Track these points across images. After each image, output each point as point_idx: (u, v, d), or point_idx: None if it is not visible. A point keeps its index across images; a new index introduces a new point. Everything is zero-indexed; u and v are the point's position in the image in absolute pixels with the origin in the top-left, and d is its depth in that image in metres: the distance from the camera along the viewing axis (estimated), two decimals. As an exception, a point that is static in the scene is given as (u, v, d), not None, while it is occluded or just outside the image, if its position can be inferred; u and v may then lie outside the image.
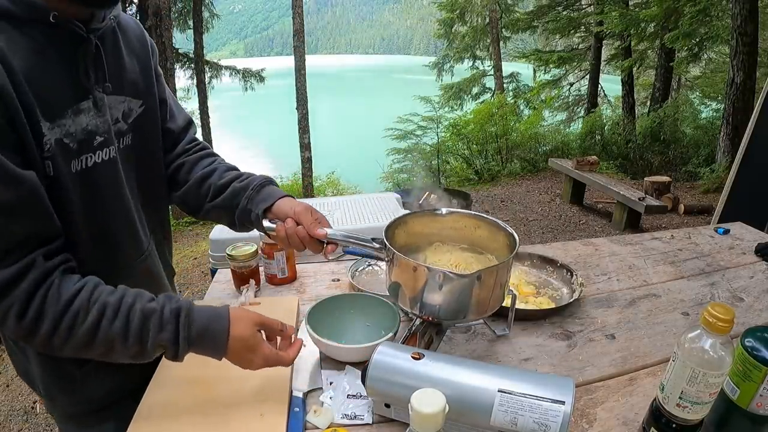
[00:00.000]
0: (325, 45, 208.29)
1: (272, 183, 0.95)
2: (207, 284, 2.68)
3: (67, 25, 0.68)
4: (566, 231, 4.81)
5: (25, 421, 2.27)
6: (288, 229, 0.85)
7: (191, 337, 0.70)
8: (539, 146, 8.39)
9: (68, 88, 0.70)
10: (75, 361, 0.81)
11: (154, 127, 0.91)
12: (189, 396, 0.79)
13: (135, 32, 0.87)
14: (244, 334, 0.72)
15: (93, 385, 0.85)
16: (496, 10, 11.01)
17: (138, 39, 0.87)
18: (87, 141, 0.73)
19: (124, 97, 0.81)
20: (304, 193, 7.19)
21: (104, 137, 0.76)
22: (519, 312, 0.99)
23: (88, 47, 0.72)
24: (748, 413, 0.64)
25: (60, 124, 0.69)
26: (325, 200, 2.06)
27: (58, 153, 0.69)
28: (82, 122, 0.73)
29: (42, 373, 0.83)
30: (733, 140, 5.85)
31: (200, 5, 9.09)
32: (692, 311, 1.08)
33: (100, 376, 0.85)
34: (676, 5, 6.86)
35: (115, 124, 0.80)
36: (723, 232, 1.52)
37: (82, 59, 0.71)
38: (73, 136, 0.71)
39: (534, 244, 1.51)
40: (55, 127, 0.68)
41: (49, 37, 0.67)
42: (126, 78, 0.82)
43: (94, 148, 0.75)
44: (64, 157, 0.70)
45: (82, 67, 0.71)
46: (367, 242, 0.86)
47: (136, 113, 0.85)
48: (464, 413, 0.67)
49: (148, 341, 0.68)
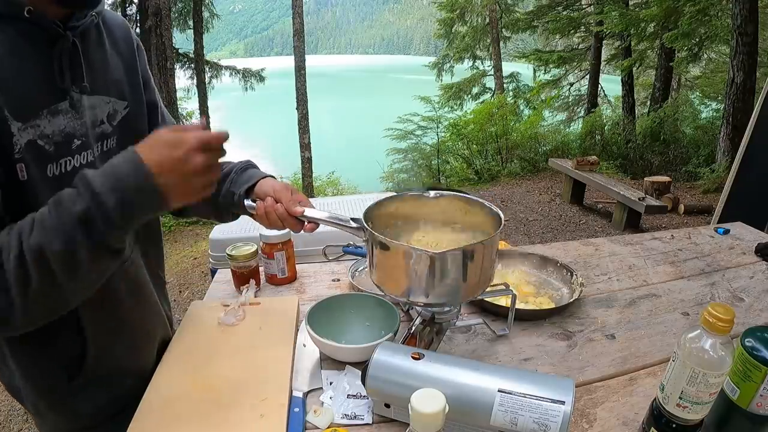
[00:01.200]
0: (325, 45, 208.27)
1: (253, 166, 0.94)
2: (207, 284, 2.68)
3: (42, 21, 0.65)
4: (566, 231, 4.82)
5: (25, 421, 2.27)
6: (267, 206, 0.84)
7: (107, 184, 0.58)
8: (539, 146, 8.40)
9: (43, 87, 0.67)
10: (62, 373, 0.78)
11: (142, 131, 0.85)
12: (189, 396, 0.79)
13: (121, 31, 0.84)
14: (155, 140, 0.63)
15: (83, 401, 0.82)
16: (496, 10, 11.02)
17: (124, 39, 0.84)
18: (65, 143, 0.69)
19: (108, 98, 0.78)
20: (304, 193, 7.18)
21: (82, 140, 0.72)
22: (519, 312, 0.99)
23: (64, 44, 0.68)
24: (748, 413, 0.64)
25: (33, 125, 0.65)
26: (325, 200, 2.06)
27: (32, 156, 0.65)
28: (60, 124, 0.69)
29: (27, 386, 0.79)
30: (733, 140, 5.85)
31: (200, 5, 9.09)
32: (692, 311, 1.08)
33: (90, 391, 0.82)
34: (676, 5, 6.86)
35: (99, 126, 0.76)
36: (723, 232, 1.52)
37: (57, 57, 0.68)
38: (48, 138, 0.67)
39: (534, 244, 1.51)
40: (27, 128, 0.64)
41: (24, 34, 0.64)
42: (110, 78, 0.78)
43: (73, 151, 0.71)
44: (39, 160, 0.66)
45: (57, 66, 0.68)
46: (345, 221, 0.84)
47: (121, 115, 0.81)
48: (464, 413, 0.67)
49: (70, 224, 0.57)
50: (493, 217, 0.86)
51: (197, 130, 0.65)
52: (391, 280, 0.81)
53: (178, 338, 0.95)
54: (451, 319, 0.87)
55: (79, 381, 0.80)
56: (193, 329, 0.98)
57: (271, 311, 1.04)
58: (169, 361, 0.88)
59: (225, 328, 0.98)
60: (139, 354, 0.90)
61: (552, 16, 10.05)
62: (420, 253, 0.73)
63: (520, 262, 1.25)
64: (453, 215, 0.92)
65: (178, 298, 3.58)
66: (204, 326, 0.98)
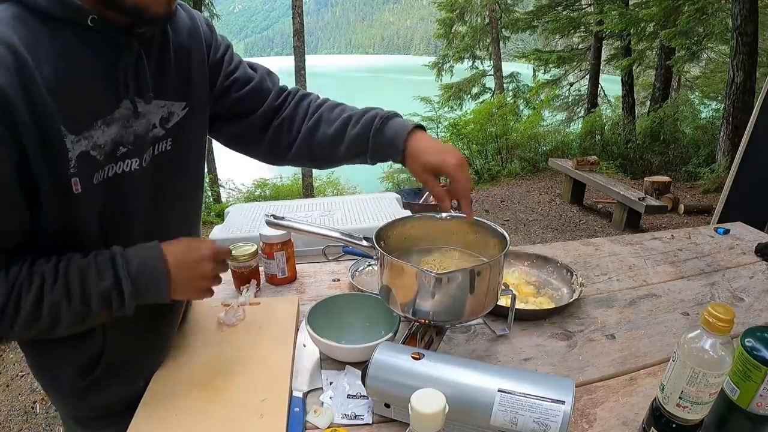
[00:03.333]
0: (325, 45, 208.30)
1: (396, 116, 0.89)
2: (207, 284, 2.68)
3: (106, 29, 0.62)
4: (566, 231, 4.82)
5: (25, 421, 2.27)
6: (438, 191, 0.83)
7: (131, 273, 0.66)
8: (539, 146, 8.40)
9: (102, 97, 0.65)
10: (77, 373, 0.79)
11: (198, 130, 0.84)
12: (189, 396, 0.79)
13: (185, 23, 0.80)
14: (178, 244, 0.72)
15: (95, 396, 0.83)
16: (496, 10, 11.02)
17: (189, 32, 0.80)
18: (112, 152, 0.68)
19: (164, 102, 0.76)
20: (305, 193, 7.19)
21: (128, 148, 0.70)
22: (519, 312, 0.99)
23: (129, 55, 0.66)
24: (748, 413, 0.64)
25: (87, 136, 0.64)
26: (325, 200, 2.06)
27: (83, 166, 0.64)
28: (112, 132, 0.67)
29: (40, 380, 0.82)
30: (733, 140, 5.85)
31: (200, 5, 9.09)
32: (692, 311, 1.08)
33: (103, 387, 0.82)
34: (675, 4, 6.87)
35: (152, 131, 0.75)
36: (723, 232, 1.52)
37: (122, 69, 0.66)
38: (101, 147, 0.66)
39: (534, 244, 1.51)
40: (81, 140, 0.63)
41: (85, 41, 0.62)
42: (171, 81, 0.76)
43: (117, 158, 0.69)
44: (89, 170, 0.65)
45: (121, 77, 0.66)
46: (358, 240, 0.84)
47: (177, 116, 0.79)
48: (464, 413, 0.67)
49: (90, 295, 0.64)
50: (499, 239, 0.87)
51: (212, 242, 0.77)
52: (399, 297, 0.82)
53: (178, 338, 0.95)
54: (451, 319, 0.87)
55: (91, 378, 0.80)
56: (193, 329, 0.98)
57: (271, 311, 1.04)
58: (169, 361, 0.88)
59: (225, 328, 0.98)
60: (151, 350, 0.89)
61: (552, 16, 10.05)
62: (426, 274, 0.75)
63: (520, 262, 1.25)
64: (463, 237, 0.94)
65: (178, 298, 3.58)
66: (204, 326, 0.98)
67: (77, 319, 0.65)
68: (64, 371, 0.80)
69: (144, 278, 0.67)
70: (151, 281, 0.68)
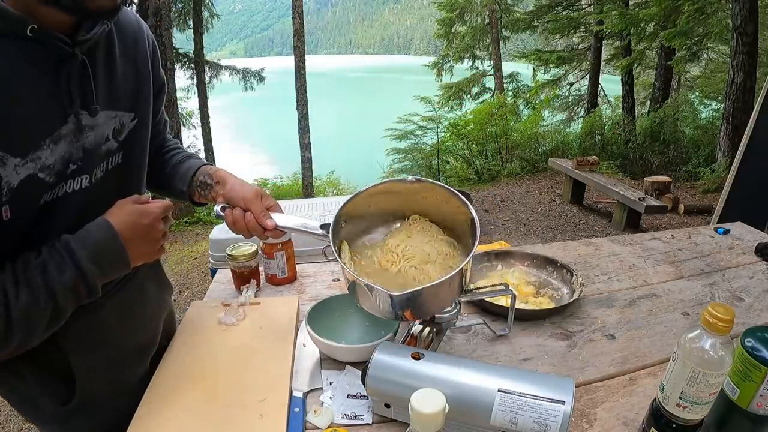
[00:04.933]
0: (325, 45, 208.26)
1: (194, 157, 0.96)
2: (207, 284, 2.68)
3: (47, 39, 0.58)
4: (566, 231, 4.82)
5: (25, 421, 2.27)
6: (236, 216, 0.84)
7: (90, 257, 0.64)
8: (539, 146, 8.40)
9: (46, 112, 0.61)
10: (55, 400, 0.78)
11: (144, 141, 0.82)
12: (189, 396, 0.79)
13: (132, 30, 0.77)
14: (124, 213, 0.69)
15: (78, 422, 0.81)
16: (496, 10, 11.01)
17: (134, 39, 0.77)
18: (62, 171, 0.65)
19: (115, 113, 0.72)
20: (305, 193, 7.19)
21: (77, 165, 0.67)
22: (519, 312, 0.99)
23: (72, 65, 0.62)
24: (748, 413, 0.64)
25: (34, 158, 0.59)
26: (325, 200, 2.06)
27: (27, 191, 0.60)
28: (61, 150, 0.63)
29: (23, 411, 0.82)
30: (733, 140, 5.85)
31: (200, 5, 9.09)
32: (692, 311, 1.08)
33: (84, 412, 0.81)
34: (675, 4, 6.87)
35: (105, 144, 0.72)
36: (723, 232, 1.52)
37: (65, 80, 0.62)
38: (50, 168, 0.62)
39: (534, 244, 1.52)
40: (27, 162, 0.58)
41: (26, 54, 0.57)
42: (119, 91, 0.73)
43: (67, 176, 0.66)
44: (36, 193, 0.62)
45: (65, 89, 0.62)
46: (315, 229, 0.83)
47: (128, 128, 0.76)
48: (464, 413, 0.67)
49: (56, 290, 0.61)
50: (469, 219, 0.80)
51: (156, 202, 0.74)
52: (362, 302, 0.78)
53: (178, 338, 0.95)
54: (451, 319, 0.87)
55: (72, 405, 0.79)
56: (193, 329, 0.98)
57: (271, 311, 1.04)
58: (169, 361, 0.88)
59: (225, 328, 0.98)
60: (128, 370, 0.88)
61: (552, 16, 10.05)
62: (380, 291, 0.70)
63: (520, 262, 1.25)
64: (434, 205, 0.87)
65: (178, 298, 3.58)
66: (204, 326, 0.98)
67: (53, 318, 0.63)
68: (41, 402, 0.78)
69: (103, 258, 0.66)
70: (111, 259, 0.67)
